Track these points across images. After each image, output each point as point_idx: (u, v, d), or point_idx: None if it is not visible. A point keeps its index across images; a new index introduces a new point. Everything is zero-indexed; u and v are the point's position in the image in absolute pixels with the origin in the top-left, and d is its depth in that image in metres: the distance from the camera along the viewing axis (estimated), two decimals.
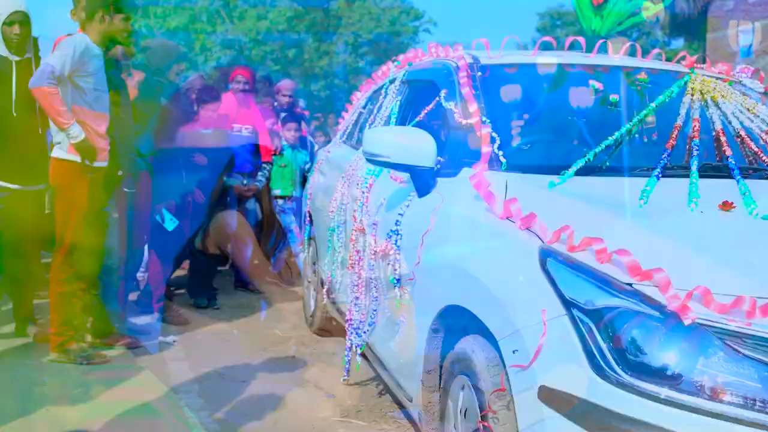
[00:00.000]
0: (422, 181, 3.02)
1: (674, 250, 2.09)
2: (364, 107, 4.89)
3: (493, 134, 2.82)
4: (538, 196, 2.52)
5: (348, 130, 5.08)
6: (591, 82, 3.18)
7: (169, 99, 5.53)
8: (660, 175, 2.60)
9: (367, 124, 4.21)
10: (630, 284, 1.98)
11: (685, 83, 3.15)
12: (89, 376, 4.09)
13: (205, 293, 5.89)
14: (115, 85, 4.52)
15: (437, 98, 3.30)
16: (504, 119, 3.07)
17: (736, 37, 7.22)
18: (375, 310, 3.49)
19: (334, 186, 4.38)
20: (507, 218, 2.40)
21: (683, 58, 3.47)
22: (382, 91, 4.30)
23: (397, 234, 3.09)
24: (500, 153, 2.77)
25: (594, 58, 3.47)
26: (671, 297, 1.89)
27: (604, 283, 2.01)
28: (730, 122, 3.05)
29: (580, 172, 2.65)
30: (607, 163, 2.76)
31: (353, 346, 3.75)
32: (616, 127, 2.92)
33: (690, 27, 12.00)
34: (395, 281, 3.09)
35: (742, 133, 3.01)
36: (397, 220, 3.10)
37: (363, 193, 3.66)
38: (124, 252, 4.82)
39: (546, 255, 2.16)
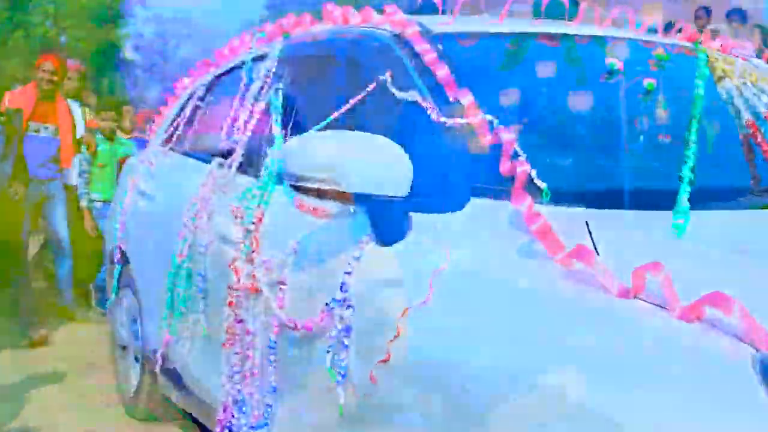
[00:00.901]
0: (388, 219, 1.83)
1: None
2: (202, 99, 3.54)
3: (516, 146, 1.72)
4: (669, 252, 1.44)
5: (177, 133, 3.65)
6: (608, 60, 2.16)
7: None
8: None
9: (225, 124, 2.91)
10: None
11: (708, 64, 2.28)
12: None
13: None
14: None
15: (372, 85, 2.15)
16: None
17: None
18: (270, 406, 2.29)
19: (175, 214, 3.02)
20: (635, 297, 1.31)
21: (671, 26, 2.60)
22: (242, 75, 2.99)
23: (345, 306, 1.88)
24: (533, 173, 1.68)
25: (590, 29, 2.44)
26: None
27: None
28: None
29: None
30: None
31: None
32: (666, 126, 1.96)
33: None
34: (338, 378, 1.90)
35: None
36: (343, 283, 1.89)
37: (247, 231, 2.38)
38: None
39: None
